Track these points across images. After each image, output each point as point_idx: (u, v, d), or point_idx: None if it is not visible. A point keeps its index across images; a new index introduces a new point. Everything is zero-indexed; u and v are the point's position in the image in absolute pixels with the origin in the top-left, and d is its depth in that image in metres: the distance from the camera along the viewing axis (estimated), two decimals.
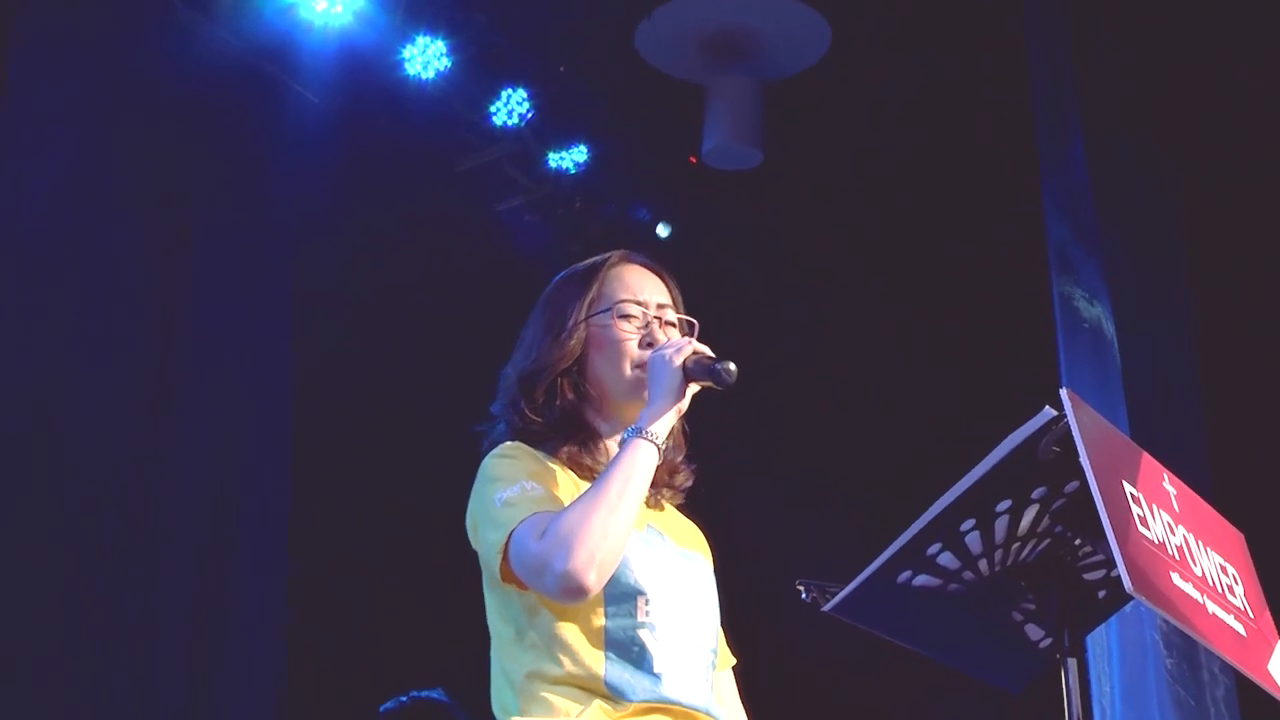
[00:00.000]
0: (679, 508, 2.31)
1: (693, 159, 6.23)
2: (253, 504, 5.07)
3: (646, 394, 2.14)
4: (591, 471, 2.16)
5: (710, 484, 2.34)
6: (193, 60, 5.10)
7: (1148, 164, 4.88)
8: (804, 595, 2.45)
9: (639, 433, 2.06)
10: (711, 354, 2.12)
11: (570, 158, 6.13)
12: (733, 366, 2.09)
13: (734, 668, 2.32)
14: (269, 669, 4.99)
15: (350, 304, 5.88)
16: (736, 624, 2.33)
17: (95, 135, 4.88)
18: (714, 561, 2.29)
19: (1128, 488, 1.79)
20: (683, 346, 2.12)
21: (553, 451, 2.16)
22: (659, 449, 2.06)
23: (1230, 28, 4.96)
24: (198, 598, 4.84)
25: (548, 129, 6.04)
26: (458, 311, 6.06)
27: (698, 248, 6.35)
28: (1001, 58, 5.34)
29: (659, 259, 2.35)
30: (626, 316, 2.22)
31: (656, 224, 6.46)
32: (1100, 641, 4.21)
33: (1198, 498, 2.03)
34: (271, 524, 5.13)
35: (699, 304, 2.36)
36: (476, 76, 5.70)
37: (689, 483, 2.28)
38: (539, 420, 2.18)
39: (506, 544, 1.99)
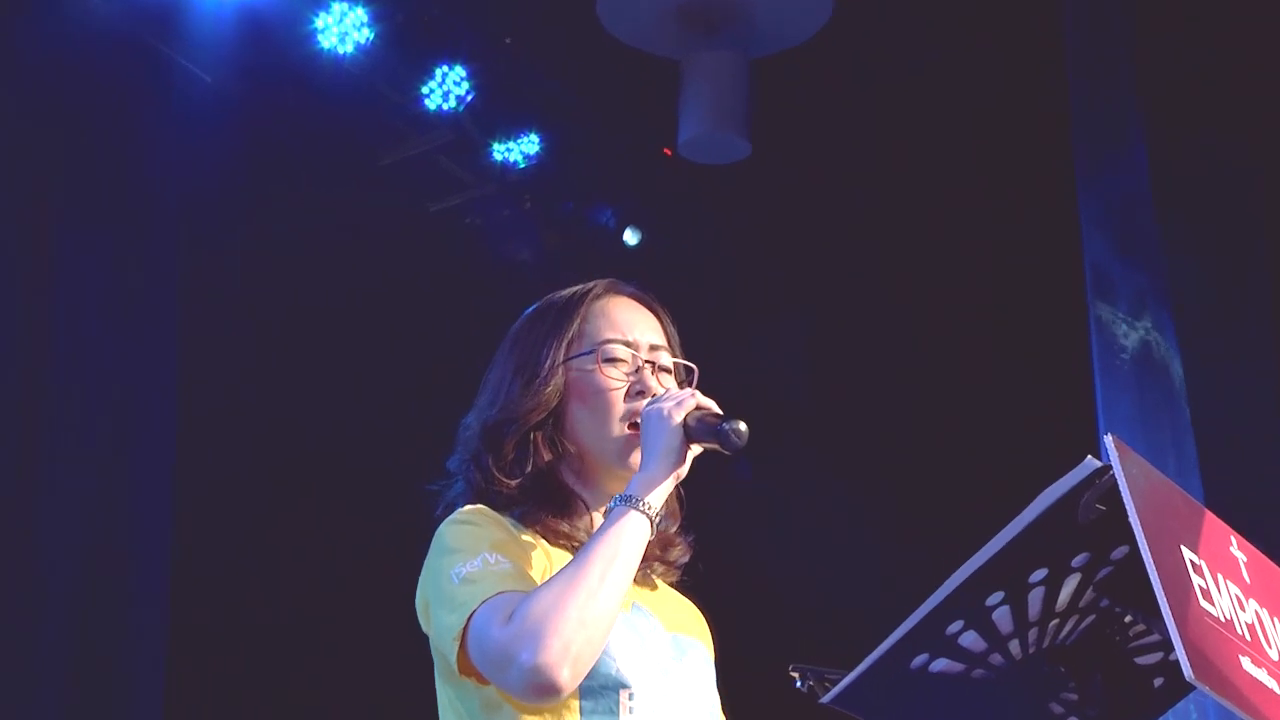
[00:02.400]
0: (674, 585, 2.31)
1: (667, 151, 6.24)
2: (131, 582, 5.07)
3: (637, 454, 2.15)
4: (570, 541, 2.16)
5: (702, 533, 2.34)
6: (57, 30, 5.08)
7: (1217, 159, 4.93)
8: (798, 684, 2.44)
9: (629, 501, 2.05)
10: (718, 409, 2.13)
11: (519, 149, 6.14)
12: (743, 427, 2.09)
13: None
14: None
15: (249, 326, 5.85)
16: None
17: None
18: (716, 649, 2.29)
19: (1187, 554, 1.79)
20: (684, 400, 2.12)
21: (522, 519, 2.17)
22: (652, 522, 2.06)
23: None
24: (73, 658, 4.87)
25: (491, 114, 6.05)
26: (383, 335, 6.04)
27: (672, 257, 6.36)
28: (1034, 31, 5.39)
29: (648, 287, 2.36)
30: (613, 360, 2.23)
31: (623, 229, 6.48)
32: None
33: (1274, 566, 2.03)
34: (152, 602, 5.13)
35: (674, 324, 2.36)
36: (405, 51, 5.71)
37: (685, 558, 2.29)
38: (507, 482, 2.18)
39: (465, 629, 1.98)
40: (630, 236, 6.49)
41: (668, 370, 2.27)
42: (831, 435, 6.38)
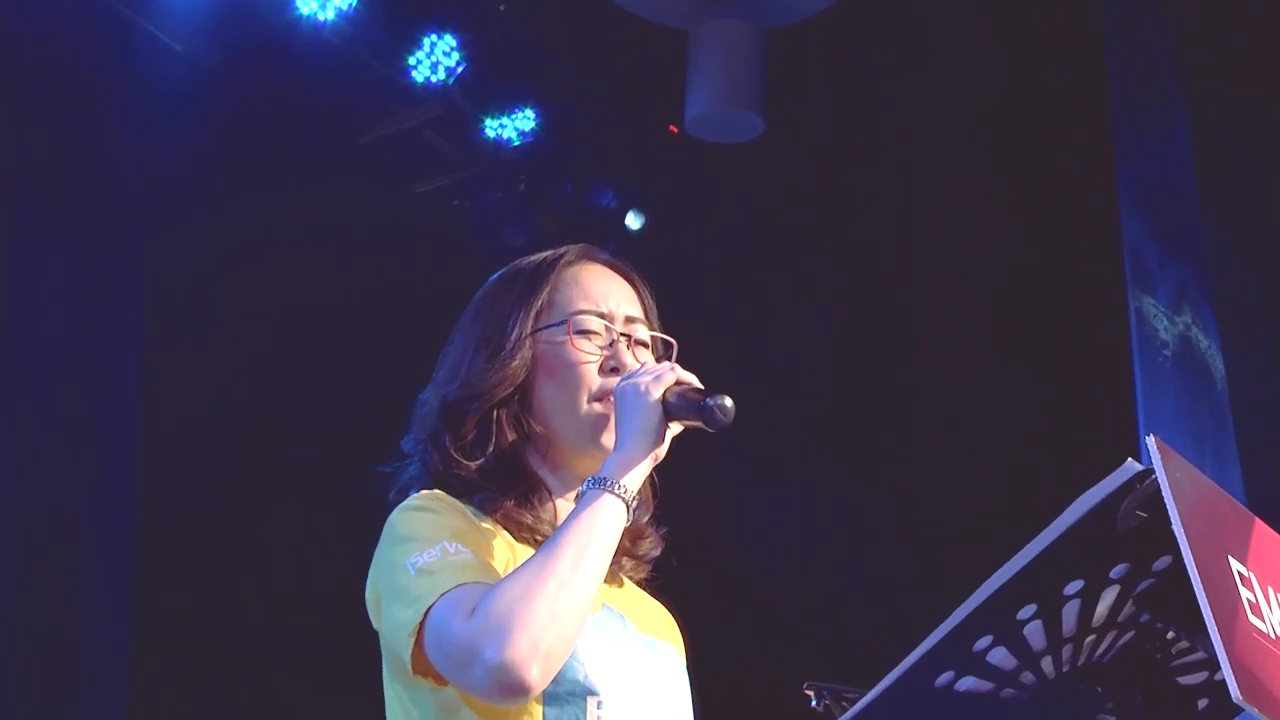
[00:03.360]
0: (642, 584, 2.30)
1: (673, 128, 6.24)
2: (90, 584, 5.07)
3: (609, 435, 2.14)
4: (533, 534, 2.15)
5: (701, 537, 2.34)
6: None
7: (1265, 140, 4.92)
8: (814, 703, 2.44)
9: (603, 484, 2.04)
10: (699, 384, 2.11)
11: (513, 125, 6.14)
12: (728, 402, 2.08)
13: None
14: None
15: (220, 312, 5.86)
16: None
17: None
18: (687, 654, 2.28)
19: (1235, 565, 1.79)
20: (663, 374, 2.11)
21: (482, 506, 2.15)
22: (628, 507, 2.05)
23: None
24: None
25: (484, 87, 6.05)
26: (363, 323, 6.04)
27: (678, 242, 6.36)
28: (1070, 2, 5.40)
29: (628, 257, 2.35)
30: (585, 333, 2.22)
31: (626, 212, 6.48)
32: None
33: None
34: (114, 599, 5.13)
35: (679, 316, 2.36)
36: (390, 18, 5.71)
37: (656, 552, 2.27)
38: (467, 464, 2.16)
39: (422, 624, 1.96)
40: (633, 220, 6.49)
41: (645, 344, 2.25)
42: (850, 433, 6.38)
